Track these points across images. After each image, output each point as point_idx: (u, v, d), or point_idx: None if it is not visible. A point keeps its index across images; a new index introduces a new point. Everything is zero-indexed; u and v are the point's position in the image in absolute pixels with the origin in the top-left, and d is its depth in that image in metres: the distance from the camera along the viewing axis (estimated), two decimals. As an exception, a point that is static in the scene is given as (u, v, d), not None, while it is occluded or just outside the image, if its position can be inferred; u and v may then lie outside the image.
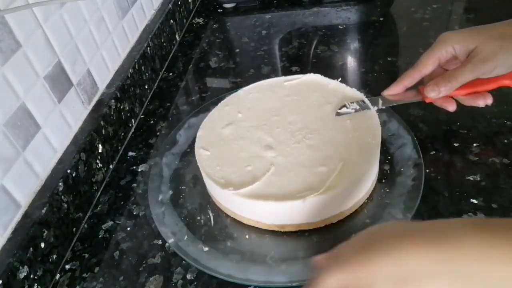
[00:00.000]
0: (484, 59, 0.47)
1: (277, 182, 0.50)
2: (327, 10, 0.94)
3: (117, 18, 0.73)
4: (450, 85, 0.49)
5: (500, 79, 0.50)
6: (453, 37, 0.50)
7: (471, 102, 0.52)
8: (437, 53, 0.51)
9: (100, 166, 0.63)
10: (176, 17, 0.93)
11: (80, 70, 0.63)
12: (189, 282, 0.50)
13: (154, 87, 0.82)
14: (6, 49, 0.49)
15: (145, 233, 0.56)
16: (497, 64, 0.47)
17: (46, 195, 0.53)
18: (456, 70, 0.49)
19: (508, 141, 0.57)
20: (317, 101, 0.60)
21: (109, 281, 0.51)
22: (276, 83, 0.65)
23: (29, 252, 0.49)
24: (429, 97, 0.51)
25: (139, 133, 0.72)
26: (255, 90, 0.64)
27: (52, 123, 0.57)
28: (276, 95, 0.62)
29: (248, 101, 0.62)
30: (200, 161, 0.55)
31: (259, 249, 0.50)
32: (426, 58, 0.51)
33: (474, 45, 0.48)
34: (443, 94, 0.50)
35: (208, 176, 0.52)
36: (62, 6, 0.59)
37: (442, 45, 0.50)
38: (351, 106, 0.57)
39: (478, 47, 0.48)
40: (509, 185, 0.52)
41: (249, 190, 0.49)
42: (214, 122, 0.60)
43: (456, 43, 0.49)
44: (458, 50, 0.50)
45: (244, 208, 0.52)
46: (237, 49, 0.89)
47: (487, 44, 0.47)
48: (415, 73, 0.52)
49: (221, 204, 0.55)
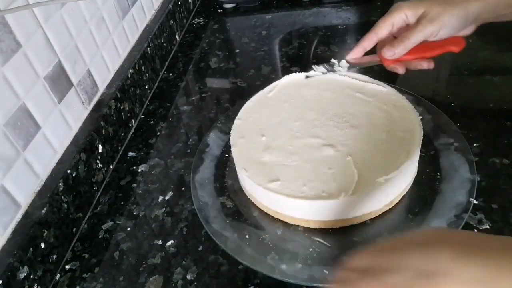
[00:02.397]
0: (430, 19, 0.53)
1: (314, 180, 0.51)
2: (327, 11, 0.94)
3: (118, 19, 0.73)
4: (403, 45, 0.54)
5: (446, 45, 0.56)
6: (405, 5, 0.56)
7: (417, 66, 0.57)
8: (390, 18, 0.56)
9: (100, 166, 0.63)
10: (176, 17, 0.93)
11: (80, 71, 0.63)
12: (189, 282, 0.50)
13: (154, 87, 0.82)
14: (6, 49, 0.49)
15: (145, 233, 0.56)
16: (442, 25, 0.53)
17: (46, 195, 0.53)
18: (408, 32, 0.55)
19: (508, 141, 0.57)
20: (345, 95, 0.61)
21: (109, 281, 0.51)
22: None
23: (29, 252, 0.49)
24: (385, 58, 0.56)
25: (139, 134, 0.72)
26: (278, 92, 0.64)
27: (52, 123, 0.57)
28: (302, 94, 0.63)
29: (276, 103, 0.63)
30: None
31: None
32: (381, 23, 0.57)
33: (422, 10, 0.55)
34: (398, 55, 0.55)
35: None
36: (62, 6, 0.59)
37: (395, 11, 0.56)
38: (318, 69, 0.63)
39: (425, 11, 0.54)
40: (509, 185, 0.52)
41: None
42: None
43: (407, 9, 0.55)
44: (409, 16, 0.56)
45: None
46: (237, 49, 0.89)
47: (433, 7, 0.54)
48: (371, 35, 0.58)
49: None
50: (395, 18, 0.57)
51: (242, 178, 0.56)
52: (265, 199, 0.53)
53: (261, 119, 0.60)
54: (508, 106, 0.62)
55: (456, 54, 0.57)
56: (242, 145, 0.56)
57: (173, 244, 0.54)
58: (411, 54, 0.56)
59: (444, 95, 0.68)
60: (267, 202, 0.53)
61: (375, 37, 0.58)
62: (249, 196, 0.56)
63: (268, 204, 0.53)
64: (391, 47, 0.55)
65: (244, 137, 0.57)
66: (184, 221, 0.56)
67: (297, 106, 0.61)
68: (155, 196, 0.60)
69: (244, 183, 0.56)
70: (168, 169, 0.64)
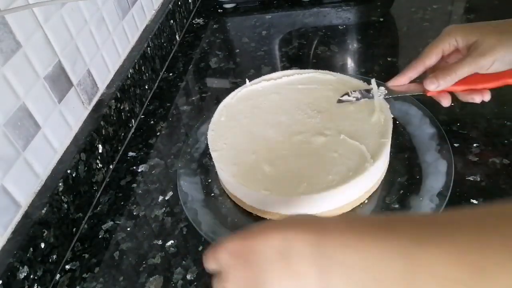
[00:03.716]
0: (482, 53, 0.48)
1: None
2: (327, 11, 0.94)
3: (117, 19, 0.73)
4: (449, 78, 0.50)
5: (502, 77, 0.50)
6: (457, 30, 0.51)
7: (467, 98, 0.53)
8: (440, 44, 0.52)
9: (100, 166, 0.63)
10: (176, 17, 0.93)
11: (80, 71, 0.63)
12: (189, 282, 0.50)
13: (154, 87, 0.82)
14: (6, 49, 0.49)
15: (145, 233, 0.56)
16: (495, 59, 0.48)
17: (46, 195, 0.53)
18: (455, 64, 0.50)
19: (508, 141, 0.57)
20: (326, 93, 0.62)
21: (109, 282, 0.51)
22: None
23: (29, 252, 0.49)
24: (428, 90, 0.52)
25: (139, 134, 0.72)
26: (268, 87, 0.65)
27: (52, 123, 0.57)
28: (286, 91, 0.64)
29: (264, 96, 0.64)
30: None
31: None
32: (430, 50, 0.53)
33: (474, 39, 0.49)
34: (442, 87, 0.51)
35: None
36: (62, 6, 0.59)
37: (445, 37, 0.51)
38: (353, 94, 0.58)
39: (478, 41, 0.49)
40: (509, 185, 0.52)
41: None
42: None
43: (459, 35, 0.50)
44: (460, 43, 0.51)
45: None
46: (237, 49, 0.89)
47: (486, 38, 0.48)
48: (419, 64, 0.53)
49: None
50: (445, 45, 0.52)
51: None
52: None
53: (235, 138, 0.58)
54: (508, 106, 0.62)
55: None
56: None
57: (173, 244, 0.54)
58: (459, 85, 0.51)
59: (444, 95, 0.68)
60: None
61: (423, 66, 0.54)
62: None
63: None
64: (434, 79, 0.51)
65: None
66: (184, 221, 0.56)
67: (258, 116, 0.61)
68: (155, 196, 0.60)
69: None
70: (168, 169, 0.64)
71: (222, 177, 0.56)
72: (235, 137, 0.58)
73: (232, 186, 0.54)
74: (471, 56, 0.49)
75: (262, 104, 0.62)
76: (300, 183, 0.50)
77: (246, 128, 0.59)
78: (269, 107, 0.61)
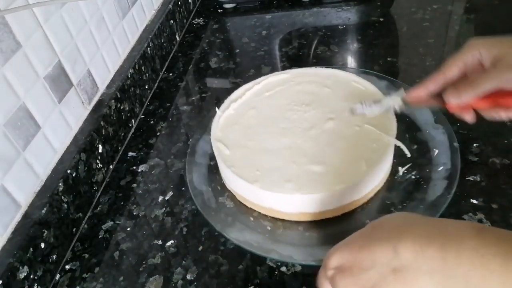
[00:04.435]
0: (509, 64, 0.44)
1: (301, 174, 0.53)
2: (327, 11, 0.94)
3: (118, 19, 0.73)
4: (472, 91, 0.45)
5: None
6: (480, 42, 0.48)
7: (493, 114, 0.49)
8: (462, 57, 0.48)
9: (100, 166, 0.63)
10: (176, 17, 0.93)
11: (81, 71, 0.63)
12: (189, 282, 0.50)
13: (154, 87, 0.82)
14: (6, 49, 0.49)
15: (145, 233, 0.56)
16: None
17: (46, 195, 0.53)
18: (479, 76, 0.46)
19: (508, 141, 0.57)
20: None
21: (109, 282, 0.51)
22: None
23: (29, 252, 0.49)
24: (449, 103, 0.47)
25: (139, 134, 0.72)
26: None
27: (52, 123, 0.57)
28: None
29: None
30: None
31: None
32: (451, 62, 0.48)
33: (499, 51, 0.46)
34: (464, 101, 0.46)
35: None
36: (62, 6, 0.59)
37: (468, 49, 0.48)
38: (366, 105, 0.54)
39: (503, 54, 0.46)
40: (509, 185, 0.52)
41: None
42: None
43: (483, 48, 0.47)
44: (484, 56, 0.47)
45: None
46: (237, 49, 0.89)
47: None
48: (439, 76, 0.49)
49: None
50: (467, 57, 0.47)
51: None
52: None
53: (243, 135, 0.60)
54: (508, 106, 0.61)
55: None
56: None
57: (173, 244, 0.54)
58: (484, 100, 0.46)
59: (444, 95, 0.68)
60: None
61: (443, 78, 0.49)
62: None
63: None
64: (456, 92, 0.46)
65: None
66: (184, 221, 0.56)
67: (263, 113, 0.62)
68: (155, 196, 0.60)
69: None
70: (168, 169, 0.64)
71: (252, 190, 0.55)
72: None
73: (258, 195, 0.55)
74: (497, 69, 0.45)
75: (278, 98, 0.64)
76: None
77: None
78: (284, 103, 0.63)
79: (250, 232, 0.52)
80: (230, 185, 0.57)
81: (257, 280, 0.49)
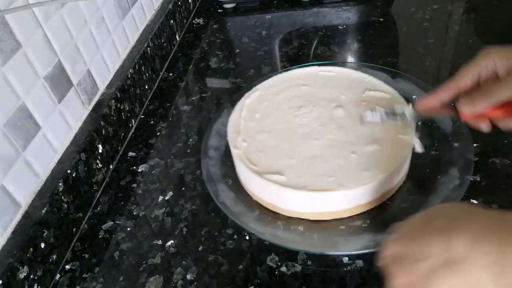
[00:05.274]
0: None
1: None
2: (327, 11, 0.94)
3: (117, 19, 0.73)
4: (487, 100, 0.44)
5: None
6: (495, 51, 0.46)
7: (509, 124, 0.47)
8: (477, 65, 0.47)
9: (100, 166, 0.63)
10: (176, 17, 0.93)
11: (80, 71, 0.63)
12: (189, 282, 0.50)
13: (154, 87, 0.82)
14: (6, 49, 0.49)
15: (145, 233, 0.56)
16: None
17: (46, 195, 0.53)
18: (494, 84, 0.45)
19: (508, 141, 0.57)
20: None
21: (109, 282, 0.51)
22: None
23: (29, 252, 0.49)
24: (463, 112, 0.46)
25: (139, 134, 0.72)
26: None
27: (52, 123, 0.57)
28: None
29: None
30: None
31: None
32: (465, 70, 0.47)
33: None
34: (478, 110, 0.45)
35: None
36: (62, 6, 0.59)
37: (482, 58, 0.46)
38: (378, 112, 0.53)
39: None
40: (509, 185, 0.52)
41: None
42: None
43: (497, 57, 0.45)
44: (499, 64, 0.45)
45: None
46: (237, 49, 0.89)
47: None
48: (452, 85, 0.48)
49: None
50: (481, 66, 0.46)
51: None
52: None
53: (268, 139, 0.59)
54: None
55: (456, 54, 0.57)
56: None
57: (173, 244, 0.54)
58: (498, 109, 0.45)
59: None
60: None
61: (456, 87, 0.47)
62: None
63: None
64: (470, 101, 0.45)
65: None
66: (184, 221, 0.56)
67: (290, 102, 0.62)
68: (155, 196, 0.60)
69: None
70: (168, 169, 0.64)
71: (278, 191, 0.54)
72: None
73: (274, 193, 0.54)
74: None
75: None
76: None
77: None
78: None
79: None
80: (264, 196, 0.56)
81: (257, 280, 0.49)
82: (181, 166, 0.64)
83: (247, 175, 0.55)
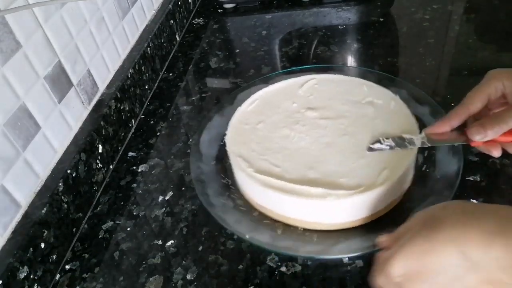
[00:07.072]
0: None
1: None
2: (327, 11, 0.94)
3: (117, 19, 0.73)
4: (498, 127, 0.43)
5: None
6: (503, 73, 0.45)
7: None
8: (486, 89, 0.46)
9: (100, 166, 0.63)
10: (176, 18, 0.93)
11: (80, 71, 0.63)
12: (189, 282, 0.50)
13: (154, 87, 0.82)
14: (6, 49, 0.49)
15: (145, 233, 0.56)
16: None
17: (46, 195, 0.53)
18: (505, 111, 0.44)
19: (508, 141, 0.57)
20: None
21: (109, 282, 0.51)
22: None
23: (29, 252, 0.49)
24: (474, 140, 0.46)
25: (139, 134, 0.72)
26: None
27: (52, 123, 0.57)
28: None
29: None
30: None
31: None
32: (474, 95, 0.46)
33: None
34: (489, 137, 0.44)
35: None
36: (62, 6, 0.59)
37: (491, 81, 0.46)
38: (386, 142, 0.52)
39: None
40: (509, 185, 0.52)
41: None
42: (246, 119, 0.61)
43: (507, 79, 0.44)
44: (508, 88, 0.44)
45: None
46: (237, 49, 0.89)
47: None
48: (462, 110, 0.47)
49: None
50: (491, 89, 0.45)
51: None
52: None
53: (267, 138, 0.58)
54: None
55: (456, 54, 0.56)
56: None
57: (173, 244, 0.54)
58: (509, 134, 0.45)
59: (444, 95, 0.68)
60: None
61: (466, 112, 0.47)
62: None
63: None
64: (481, 128, 0.44)
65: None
66: (184, 221, 0.56)
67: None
68: (155, 196, 0.60)
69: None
70: (168, 169, 0.64)
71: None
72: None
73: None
74: None
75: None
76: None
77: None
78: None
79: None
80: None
81: (257, 280, 0.49)
82: (181, 166, 0.64)
83: (244, 180, 0.54)
